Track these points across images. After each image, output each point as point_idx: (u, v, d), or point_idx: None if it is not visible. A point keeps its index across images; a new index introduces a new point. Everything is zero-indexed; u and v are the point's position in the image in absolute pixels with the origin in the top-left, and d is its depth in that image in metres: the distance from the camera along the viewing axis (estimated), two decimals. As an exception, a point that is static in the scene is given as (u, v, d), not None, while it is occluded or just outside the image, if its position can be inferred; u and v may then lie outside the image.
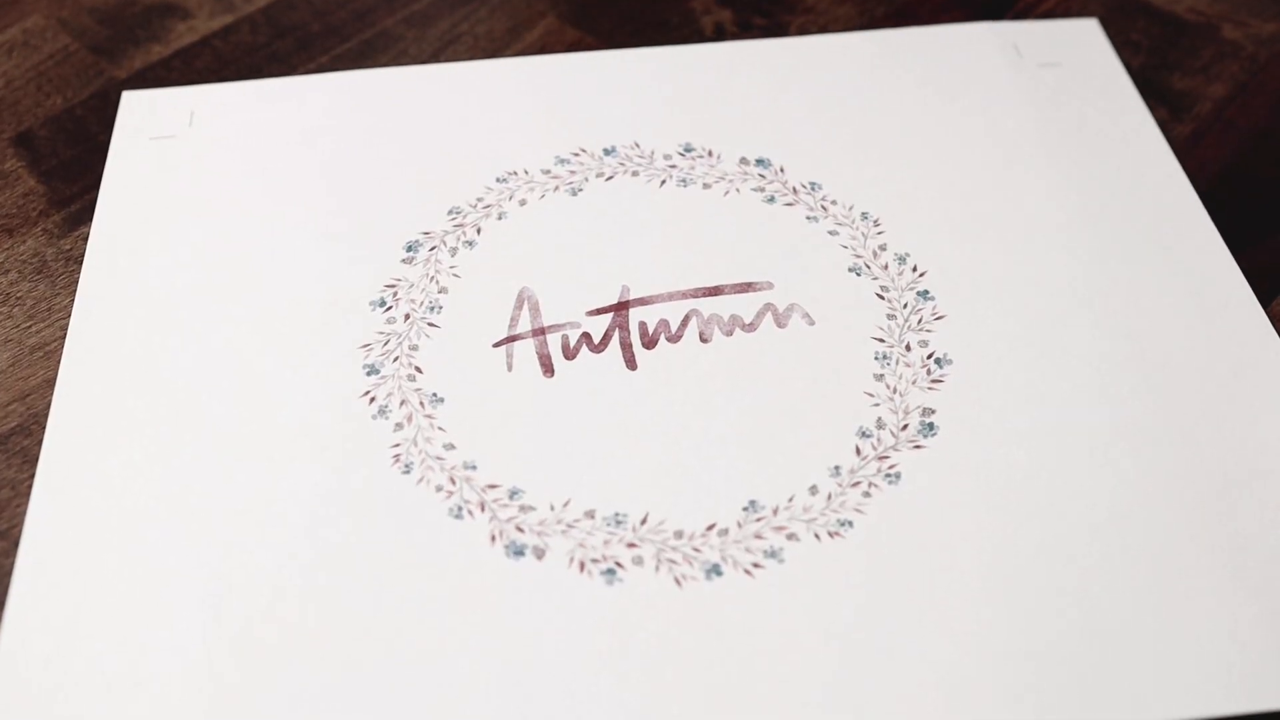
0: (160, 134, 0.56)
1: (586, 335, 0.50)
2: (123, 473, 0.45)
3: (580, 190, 0.54)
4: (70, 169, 0.56)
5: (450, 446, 0.46)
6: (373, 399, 0.48)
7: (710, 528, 0.44)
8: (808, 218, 0.53)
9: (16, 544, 0.44)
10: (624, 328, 0.50)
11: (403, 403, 0.47)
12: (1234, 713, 0.40)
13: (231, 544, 0.44)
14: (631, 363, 0.49)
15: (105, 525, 0.44)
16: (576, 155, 0.56)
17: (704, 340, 0.49)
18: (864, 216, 0.53)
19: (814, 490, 0.45)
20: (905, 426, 0.47)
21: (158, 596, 0.43)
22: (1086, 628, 0.42)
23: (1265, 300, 0.51)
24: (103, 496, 0.45)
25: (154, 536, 0.44)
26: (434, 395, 0.48)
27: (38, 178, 0.56)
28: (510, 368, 0.49)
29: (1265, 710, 0.40)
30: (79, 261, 0.52)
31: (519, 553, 0.44)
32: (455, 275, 0.51)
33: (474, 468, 0.46)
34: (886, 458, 0.46)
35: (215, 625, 0.42)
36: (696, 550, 0.44)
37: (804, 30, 0.63)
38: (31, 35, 0.62)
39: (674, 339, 0.49)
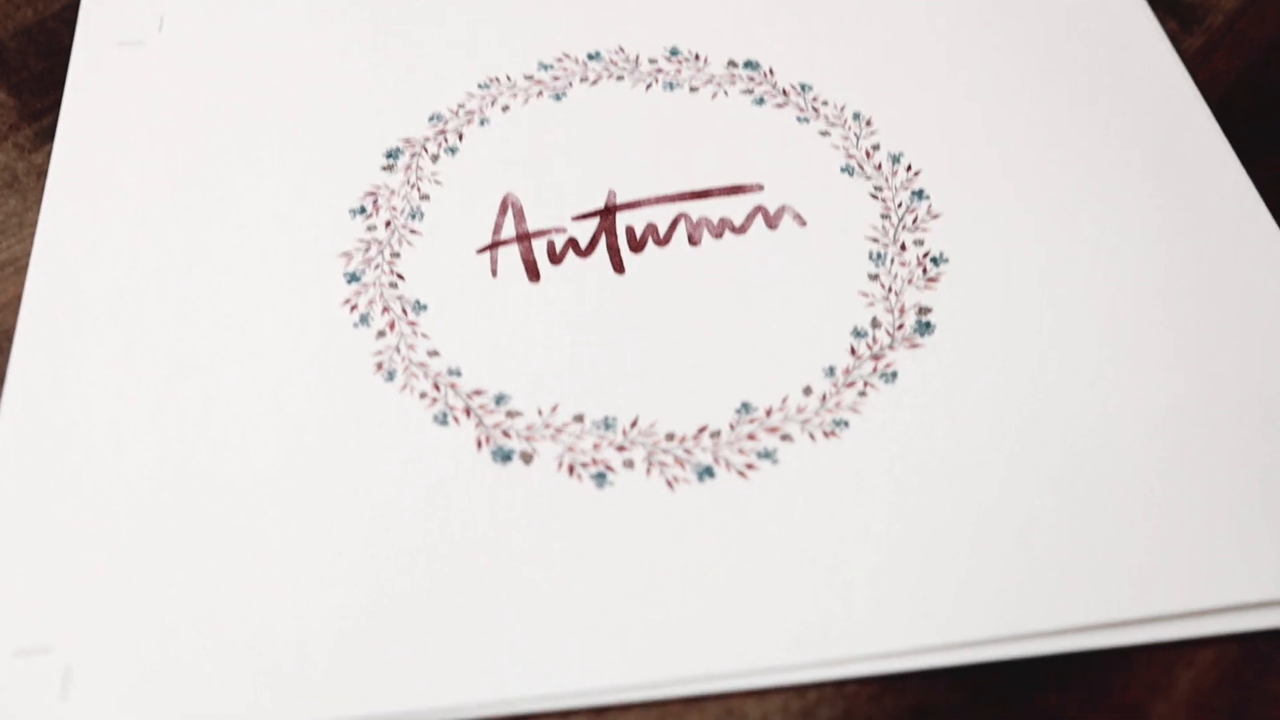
0: (127, 39, 0.54)
1: (573, 240, 0.48)
2: (93, 389, 0.44)
3: (564, 95, 0.53)
4: (42, 82, 0.55)
5: (434, 353, 0.45)
6: (354, 307, 0.46)
7: (702, 430, 0.43)
8: (798, 119, 0.52)
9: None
10: (611, 232, 0.49)
11: (385, 310, 0.46)
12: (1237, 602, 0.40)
13: (208, 457, 0.43)
14: (619, 266, 0.48)
15: (75, 445, 0.43)
16: (560, 60, 0.54)
17: (693, 243, 0.48)
18: (856, 117, 0.52)
19: (808, 391, 0.44)
20: (901, 326, 0.46)
21: (129, 518, 0.41)
22: (1087, 525, 0.41)
23: (1278, 213, 0.49)
24: (72, 415, 0.44)
25: (126, 456, 0.43)
26: (417, 302, 0.46)
27: (8, 91, 0.55)
28: (495, 273, 0.47)
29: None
30: (50, 175, 0.51)
31: (506, 457, 0.43)
32: (437, 182, 0.50)
33: (459, 374, 0.45)
34: (882, 357, 0.45)
35: (191, 537, 0.41)
36: (688, 452, 0.43)
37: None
38: (-2, -52, 0.60)
39: (662, 242, 0.48)
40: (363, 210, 0.49)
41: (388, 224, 0.49)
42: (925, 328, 0.46)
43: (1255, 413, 0.44)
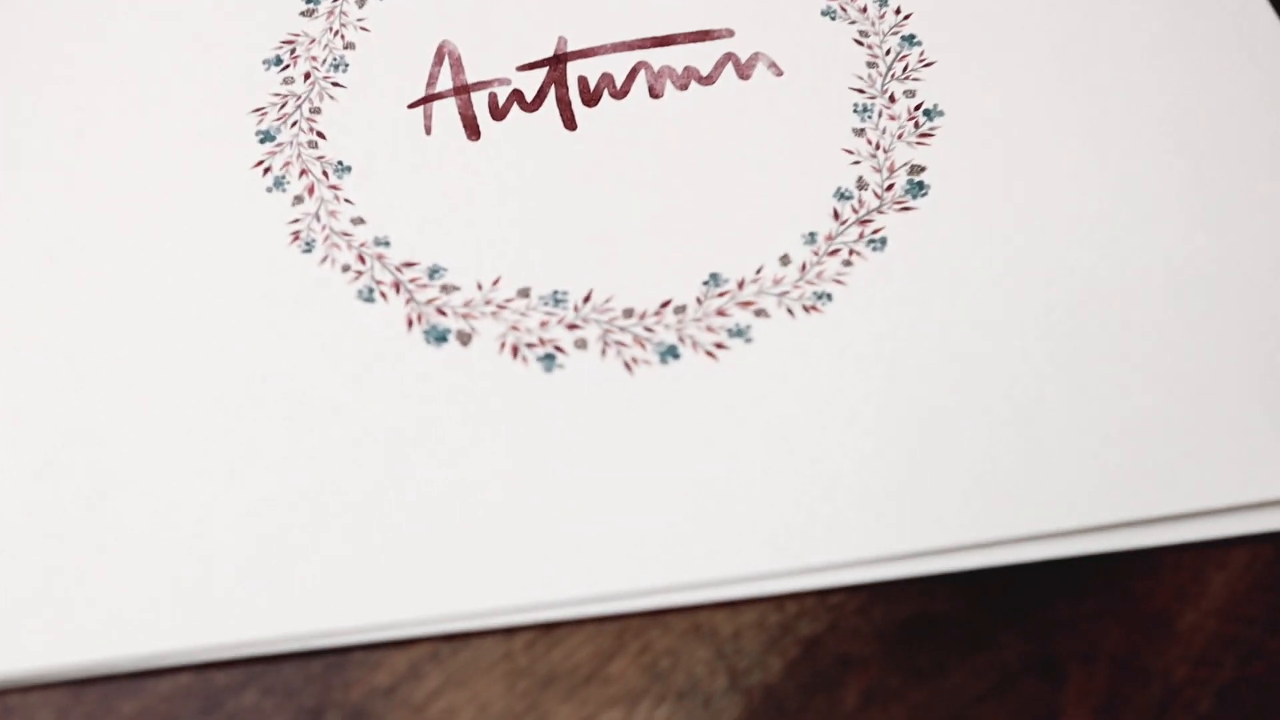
0: None
1: (518, 93, 0.43)
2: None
3: (508, -68, 0.47)
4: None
5: (359, 221, 0.40)
6: (267, 169, 0.41)
7: (665, 305, 0.38)
8: (773, -43, 0.46)
9: None
10: (561, 83, 0.43)
11: (303, 173, 0.41)
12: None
13: (101, 337, 0.38)
14: (570, 122, 0.42)
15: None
16: (504, -108, 0.48)
17: (654, 95, 0.43)
18: (838, -46, 0.46)
19: (785, 260, 0.39)
20: (890, 186, 0.40)
21: (18, 408, 0.37)
22: (1104, 412, 0.36)
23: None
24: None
25: (15, 336, 0.38)
26: (339, 164, 0.41)
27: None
28: (429, 130, 0.42)
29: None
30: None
31: (441, 338, 0.38)
32: (363, 29, 0.45)
33: (387, 244, 0.39)
34: (869, 221, 0.40)
35: (84, 428, 0.36)
36: (649, 330, 0.38)
37: None
38: None
39: (619, 95, 0.43)
40: (278, 61, 0.44)
41: (307, 76, 0.43)
42: (918, 188, 0.40)
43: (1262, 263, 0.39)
